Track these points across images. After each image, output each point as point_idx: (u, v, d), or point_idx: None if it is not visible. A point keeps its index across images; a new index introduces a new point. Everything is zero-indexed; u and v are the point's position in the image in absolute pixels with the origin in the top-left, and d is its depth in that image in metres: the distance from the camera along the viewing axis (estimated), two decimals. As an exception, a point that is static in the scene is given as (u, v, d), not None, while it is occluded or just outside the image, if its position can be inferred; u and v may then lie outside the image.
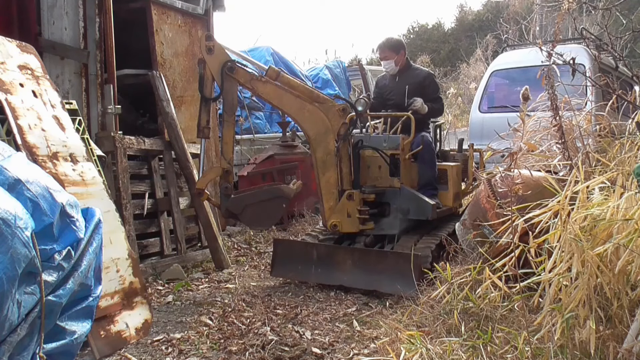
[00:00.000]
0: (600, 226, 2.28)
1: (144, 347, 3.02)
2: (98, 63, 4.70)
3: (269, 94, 4.03)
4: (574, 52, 3.67)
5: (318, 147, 4.12)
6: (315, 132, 4.10)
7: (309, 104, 4.06)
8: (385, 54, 4.83)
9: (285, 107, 4.12)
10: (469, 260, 3.49)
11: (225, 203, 3.92)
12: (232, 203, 3.91)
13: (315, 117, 4.08)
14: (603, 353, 2.22)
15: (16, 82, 3.10)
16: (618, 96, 3.52)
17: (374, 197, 4.28)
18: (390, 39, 4.94)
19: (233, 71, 3.86)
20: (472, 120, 7.52)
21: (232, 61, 3.89)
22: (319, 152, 4.12)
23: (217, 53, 3.83)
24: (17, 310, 1.96)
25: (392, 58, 4.79)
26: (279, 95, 4.03)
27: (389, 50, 4.82)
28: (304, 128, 4.17)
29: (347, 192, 4.15)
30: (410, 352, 2.45)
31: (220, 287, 4.26)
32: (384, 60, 4.85)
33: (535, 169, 3.49)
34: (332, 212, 4.15)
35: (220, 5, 6.32)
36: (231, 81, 3.88)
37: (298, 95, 4.04)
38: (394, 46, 4.84)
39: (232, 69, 3.85)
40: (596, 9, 6.01)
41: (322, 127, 4.09)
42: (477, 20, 21.05)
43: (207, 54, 3.81)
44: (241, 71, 3.93)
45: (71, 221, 2.28)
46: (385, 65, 4.86)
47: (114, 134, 4.46)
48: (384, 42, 4.88)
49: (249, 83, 3.96)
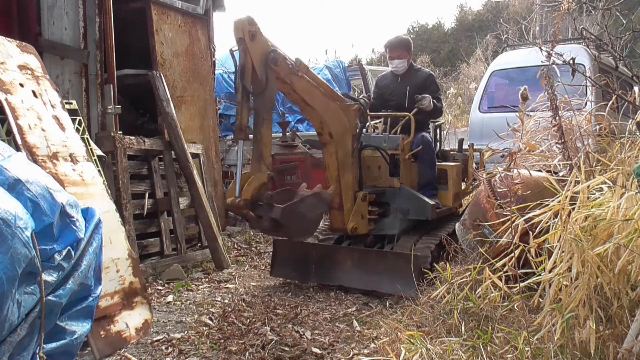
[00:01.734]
0: (601, 226, 2.28)
1: (144, 347, 3.02)
2: (98, 63, 4.70)
3: (304, 90, 3.75)
4: (574, 52, 3.67)
5: (339, 147, 3.96)
6: (338, 131, 3.95)
7: (332, 102, 3.93)
8: (398, 53, 4.71)
9: (316, 104, 3.85)
10: (469, 260, 3.50)
11: (270, 214, 3.45)
12: (285, 214, 3.43)
13: (338, 116, 3.95)
14: (603, 353, 2.22)
15: (16, 82, 3.10)
16: (618, 96, 3.52)
17: (374, 198, 4.28)
18: (401, 38, 4.85)
19: (277, 63, 3.50)
20: (472, 120, 7.52)
21: (275, 51, 3.52)
22: (340, 153, 3.96)
23: (260, 40, 3.44)
24: (17, 310, 1.96)
25: (405, 57, 4.72)
26: (311, 92, 3.80)
27: (402, 49, 4.72)
28: (330, 127, 3.94)
29: (361, 194, 4.08)
30: (410, 352, 2.45)
31: (220, 287, 4.26)
32: (397, 59, 4.71)
33: (535, 169, 3.49)
34: (350, 215, 4.03)
35: (220, 5, 6.33)
36: (273, 74, 3.51)
37: (324, 93, 3.89)
38: (406, 45, 4.76)
39: (275, 61, 3.49)
40: (596, 9, 6.01)
41: (343, 127, 3.97)
42: (477, 20, 21.03)
43: (250, 40, 3.38)
44: (284, 63, 3.57)
45: (71, 221, 2.28)
46: (398, 65, 4.72)
47: (114, 134, 4.46)
48: (397, 41, 4.77)
49: (288, 77, 3.63)
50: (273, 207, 3.44)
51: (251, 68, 3.42)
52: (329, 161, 4.03)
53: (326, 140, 3.99)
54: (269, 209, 3.45)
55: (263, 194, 3.48)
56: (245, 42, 3.37)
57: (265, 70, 3.45)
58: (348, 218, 4.02)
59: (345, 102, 4.05)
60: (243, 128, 3.47)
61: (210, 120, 5.96)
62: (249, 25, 3.38)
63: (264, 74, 3.45)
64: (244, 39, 3.36)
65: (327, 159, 4.04)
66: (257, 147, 3.53)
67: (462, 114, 12.94)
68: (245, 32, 3.36)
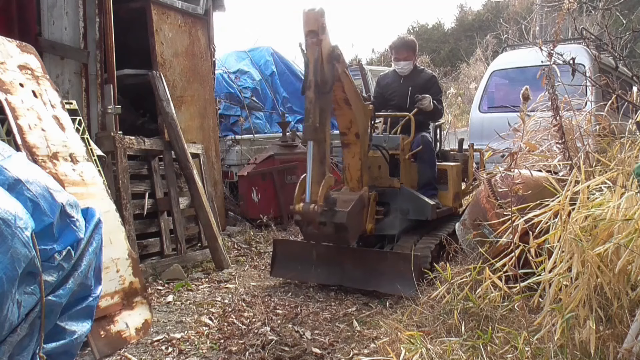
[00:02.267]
0: (601, 226, 2.28)
1: (144, 347, 3.02)
2: (98, 63, 4.70)
3: (349, 89, 3.68)
4: (574, 52, 3.67)
5: (363, 146, 3.92)
6: (362, 131, 3.90)
7: (360, 102, 3.90)
8: (405, 54, 4.69)
9: (354, 103, 3.77)
10: (469, 260, 3.50)
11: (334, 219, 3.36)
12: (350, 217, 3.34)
13: (362, 116, 3.92)
14: (603, 353, 2.22)
15: (16, 82, 3.10)
16: (618, 96, 3.52)
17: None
18: (408, 39, 4.84)
19: (339, 60, 3.40)
20: (472, 120, 7.52)
21: (338, 47, 3.40)
22: (362, 153, 3.93)
23: (327, 34, 3.31)
24: (17, 310, 1.96)
25: (411, 59, 4.71)
26: (352, 91, 3.74)
27: (409, 51, 4.71)
28: (358, 126, 3.88)
29: (373, 194, 4.08)
30: (410, 352, 2.45)
31: (220, 287, 4.26)
32: (403, 60, 4.69)
33: (536, 169, 3.49)
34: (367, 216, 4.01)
35: (220, 5, 6.33)
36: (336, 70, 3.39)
37: (355, 93, 3.85)
38: (412, 47, 4.75)
39: (339, 57, 3.38)
40: (596, 9, 6.01)
41: (365, 127, 3.95)
42: (477, 20, 21.02)
43: (322, 34, 3.23)
44: (344, 60, 3.49)
45: (71, 221, 2.28)
46: (404, 67, 4.70)
47: (114, 134, 4.46)
48: (404, 43, 4.75)
49: (342, 75, 3.53)
50: (336, 212, 3.34)
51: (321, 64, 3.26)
52: (351, 162, 3.95)
53: (351, 141, 3.92)
54: (332, 214, 3.34)
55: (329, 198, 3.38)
56: (318, 35, 3.22)
57: (331, 66, 3.33)
58: (366, 219, 4.00)
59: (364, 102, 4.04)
60: (317, 128, 3.27)
61: (210, 120, 5.96)
62: (321, 17, 3.22)
63: (330, 71, 3.33)
64: (317, 32, 3.22)
65: (349, 160, 3.96)
66: (322, 149, 3.38)
67: (462, 114, 12.94)
68: (319, 24, 3.22)
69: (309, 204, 3.30)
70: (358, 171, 3.97)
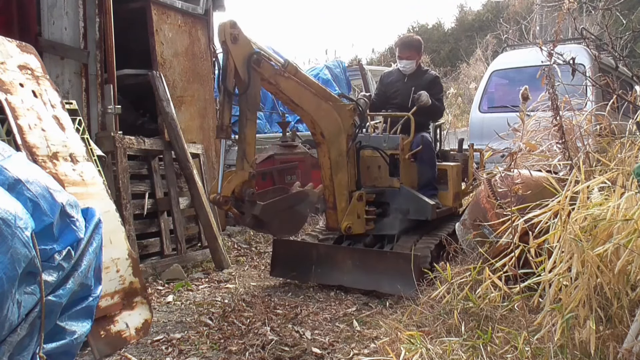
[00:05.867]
0: (601, 226, 2.28)
1: (144, 347, 3.02)
2: (98, 63, 4.70)
3: (291, 91, 3.81)
4: (574, 52, 3.67)
5: (332, 147, 3.99)
6: (330, 131, 3.97)
7: (324, 102, 3.94)
8: (409, 53, 4.68)
9: (305, 104, 3.89)
10: (469, 260, 3.49)
11: (252, 210, 3.56)
12: (265, 211, 3.56)
13: (330, 116, 3.96)
14: (603, 353, 2.22)
15: (16, 82, 3.10)
16: (618, 96, 3.52)
17: (374, 198, 4.28)
18: (413, 38, 4.83)
19: (260, 64, 3.58)
20: (472, 120, 7.52)
21: (259, 53, 3.61)
22: (333, 153, 3.99)
23: (242, 43, 3.53)
24: (17, 310, 1.96)
25: (415, 58, 4.70)
26: (299, 92, 3.83)
27: (413, 50, 4.70)
28: (321, 127, 3.96)
29: (357, 193, 4.09)
30: (410, 352, 2.45)
31: (220, 287, 4.26)
32: (407, 59, 4.68)
33: (535, 168, 3.49)
34: (344, 214, 4.05)
35: (220, 5, 6.33)
36: (256, 75, 3.59)
37: (315, 93, 3.91)
38: (417, 46, 4.74)
39: (258, 62, 3.57)
40: (596, 9, 6.01)
41: (336, 126, 3.99)
42: (477, 20, 21.02)
43: (232, 43, 3.48)
44: (267, 65, 3.66)
45: (71, 221, 2.28)
46: (407, 65, 4.69)
47: (114, 134, 4.46)
48: (409, 41, 4.75)
49: (273, 78, 3.70)
50: (255, 204, 3.55)
51: (233, 69, 3.51)
52: (322, 160, 4.06)
53: (319, 140, 4.03)
54: (251, 206, 3.55)
55: (245, 191, 3.56)
56: (227, 45, 3.47)
57: (247, 71, 3.53)
58: (342, 217, 4.05)
59: (340, 102, 4.06)
60: (224, 127, 3.55)
61: (210, 120, 5.96)
62: (230, 28, 3.47)
63: (246, 75, 3.53)
64: (226, 42, 3.47)
65: (321, 159, 4.07)
66: (241, 146, 3.61)
67: (462, 114, 12.94)
68: (227, 35, 3.46)
69: (218, 194, 3.52)
70: (329, 170, 4.03)
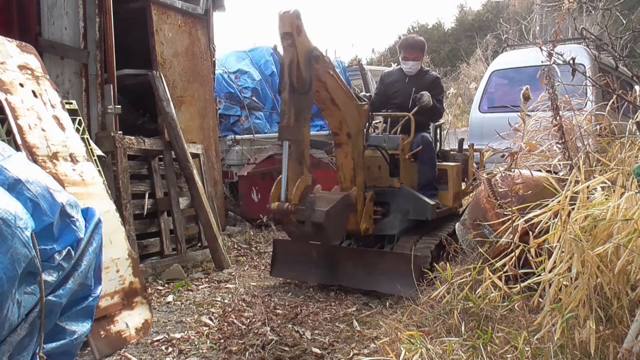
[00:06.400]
0: (601, 226, 2.28)
1: (144, 347, 3.02)
2: (98, 63, 4.70)
3: (334, 89, 3.64)
4: (574, 52, 3.67)
5: (355, 147, 3.91)
6: (354, 131, 3.89)
7: (351, 101, 3.87)
8: (415, 55, 4.68)
9: (341, 103, 3.75)
10: (469, 260, 3.50)
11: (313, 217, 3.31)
12: (329, 217, 3.30)
13: (355, 115, 3.89)
14: (603, 353, 2.22)
15: (16, 82, 3.10)
16: (618, 96, 3.52)
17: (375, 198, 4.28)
18: (418, 39, 4.82)
19: (318, 60, 3.38)
20: (472, 120, 7.52)
21: (317, 48, 3.41)
22: (355, 153, 3.92)
23: (304, 35, 3.31)
24: (17, 310, 1.96)
25: (420, 59, 4.70)
26: (338, 91, 3.70)
27: (418, 51, 4.70)
28: (349, 127, 3.86)
29: (369, 194, 4.07)
30: (410, 352, 2.45)
31: (220, 287, 4.26)
32: (412, 60, 4.67)
33: (536, 168, 3.49)
34: (362, 216, 3.99)
35: (220, 5, 6.33)
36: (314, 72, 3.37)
37: (345, 92, 3.81)
38: (422, 48, 4.74)
39: (317, 58, 3.36)
40: (596, 9, 6.01)
41: (357, 126, 3.92)
42: (477, 20, 21.02)
43: (298, 35, 3.23)
44: (324, 62, 3.46)
45: (71, 221, 2.28)
46: (412, 66, 4.68)
47: (114, 134, 4.46)
48: (414, 43, 4.74)
49: (324, 76, 3.50)
50: (315, 211, 3.33)
51: (296, 64, 3.27)
52: (344, 162, 3.95)
53: (342, 141, 3.92)
54: (311, 213, 3.33)
55: (306, 197, 3.36)
56: (293, 37, 3.22)
57: (308, 67, 3.32)
58: (361, 219, 3.99)
59: (357, 102, 4.02)
60: (291, 128, 3.27)
61: (210, 120, 5.96)
62: (296, 19, 3.24)
63: (307, 72, 3.31)
64: (292, 34, 3.23)
65: (342, 160, 3.96)
66: (299, 149, 3.36)
67: (462, 114, 12.94)
68: (294, 26, 3.22)
69: (284, 202, 3.31)
70: (351, 171, 3.96)
